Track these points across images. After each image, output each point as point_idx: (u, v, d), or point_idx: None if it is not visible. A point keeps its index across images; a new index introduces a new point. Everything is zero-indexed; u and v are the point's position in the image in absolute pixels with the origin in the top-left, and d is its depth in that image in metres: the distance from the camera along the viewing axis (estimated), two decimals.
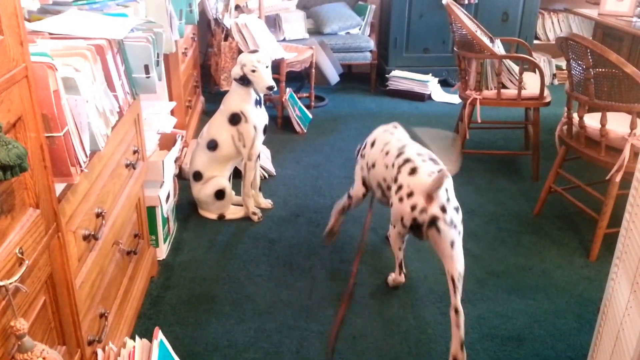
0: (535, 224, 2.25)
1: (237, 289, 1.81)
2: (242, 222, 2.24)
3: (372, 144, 1.80)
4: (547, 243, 2.12)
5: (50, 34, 1.20)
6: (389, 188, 1.64)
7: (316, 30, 3.99)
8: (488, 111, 2.94)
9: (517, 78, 2.52)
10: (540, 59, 4.15)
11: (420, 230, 1.51)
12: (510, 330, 1.65)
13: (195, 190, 2.23)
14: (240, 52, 3.12)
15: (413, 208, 1.50)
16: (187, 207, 2.33)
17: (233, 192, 2.29)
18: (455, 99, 3.78)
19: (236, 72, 2.10)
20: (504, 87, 2.61)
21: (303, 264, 1.96)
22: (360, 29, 4.05)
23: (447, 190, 1.50)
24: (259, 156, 2.26)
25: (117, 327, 1.44)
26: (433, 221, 1.48)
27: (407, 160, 1.57)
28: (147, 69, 1.35)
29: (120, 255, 1.48)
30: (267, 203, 2.36)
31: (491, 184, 2.61)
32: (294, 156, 2.89)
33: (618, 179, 1.88)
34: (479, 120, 2.55)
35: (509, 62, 2.63)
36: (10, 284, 0.83)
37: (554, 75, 4.26)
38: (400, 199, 1.53)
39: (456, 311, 1.47)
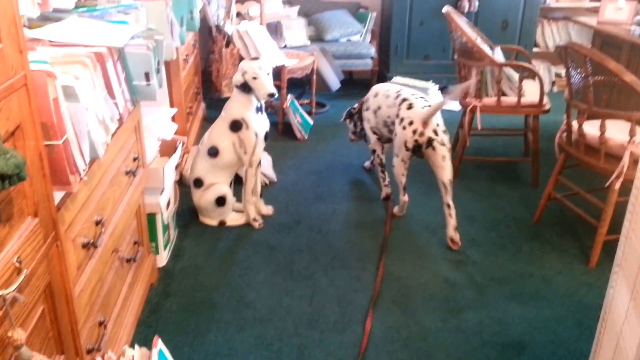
0: (535, 231, 2.25)
1: (237, 296, 1.81)
2: (243, 229, 2.23)
3: (375, 95, 2.36)
4: (547, 249, 2.12)
5: (50, 41, 1.21)
6: (392, 123, 2.18)
7: (317, 37, 4.01)
8: (488, 118, 2.94)
9: (517, 86, 2.53)
10: (539, 66, 4.16)
11: (421, 150, 2.06)
12: (510, 336, 1.64)
13: (195, 197, 2.23)
14: (241, 58, 3.14)
15: (414, 132, 2.04)
16: (187, 214, 2.33)
17: (234, 199, 2.29)
18: (455, 105, 3.78)
19: (237, 79, 2.11)
20: (504, 94, 2.62)
21: (304, 271, 1.96)
22: (361, 36, 4.07)
23: (438, 123, 2.07)
24: (259, 163, 2.26)
25: (116, 335, 1.43)
26: (430, 142, 2.03)
27: (404, 100, 2.12)
28: (147, 76, 1.35)
29: (120, 262, 1.48)
30: (268, 209, 2.36)
31: (491, 190, 2.61)
32: (295, 162, 2.89)
33: (617, 186, 1.88)
34: (479, 128, 2.55)
35: (508, 70, 2.64)
36: (8, 293, 0.82)
37: (554, 83, 4.27)
38: (404, 128, 2.07)
39: (448, 206, 2.08)
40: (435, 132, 2.03)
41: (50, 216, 0.99)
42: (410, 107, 2.07)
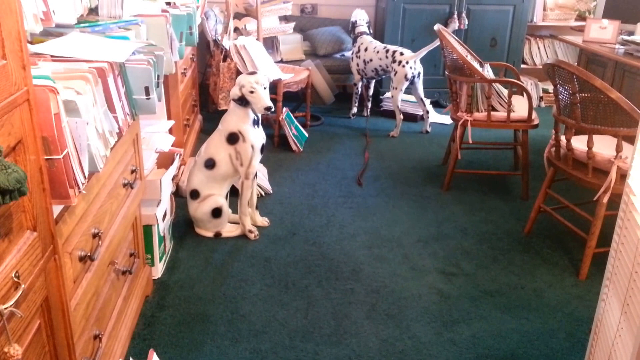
0: (526, 243, 2.28)
1: (232, 309, 1.81)
2: (239, 240, 2.24)
3: (366, 49, 3.55)
4: (538, 262, 2.14)
5: (52, 56, 1.23)
6: (384, 70, 3.51)
7: (312, 53, 4.07)
8: (478, 132, 2.99)
9: (507, 101, 2.58)
10: (527, 82, 4.24)
11: (414, 80, 3.42)
12: (504, 350, 1.66)
13: (192, 208, 2.24)
14: (238, 72, 3.17)
15: (410, 68, 3.38)
16: (183, 225, 2.33)
17: (230, 210, 2.30)
18: (446, 119, 3.84)
19: (235, 93, 2.14)
20: (494, 109, 2.66)
21: (299, 283, 1.96)
22: None
23: (419, 61, 3.42)
24: (255, 175, 2.28)
25: (110, 348, 1.43)
26: (419, 74, 3.44)
27: (394, 51, 3.44)
28: (147, 90, 1.37)
29: (116, 275, 1.48)
30: (263, 221, 2.37)
31: (483, 203, 2.64)
32: (290, 174, 2.91)
33: (605, 200, 1.91)
34: (470, 141, 2.59)
35: (498, 86, 2.70)
36: (6, 309, 0.82)
37: (541, 98, 4.35)
38: (403, 66, 3.37)
39: (427, 112, 3.59)
40: (421, 69, 3.45)
41: (48, 230, 1.00)
42: (401, 53, 3.39)
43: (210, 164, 2.18)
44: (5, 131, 0.85)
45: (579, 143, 2.05)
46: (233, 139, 2.16)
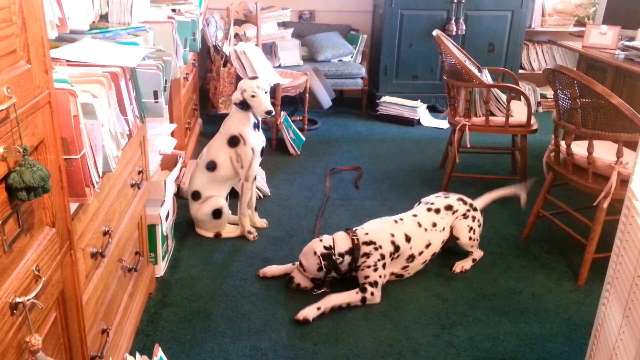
0: (524, 248, 2.31)
1: (232, 307, 1.84)
2: (238, 241, 2.28)
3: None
4: (536, 266, 2.17)
5: (67, 61, 1.27)
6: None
7: (310, 58, 4.13)
8: (475, 136, 3.04)
9: (505, 106, 2.62)
10: (525, 87, 4.30)
11: None
12: (502, 353, 1.68)
13: (193, 209, 2.28)
14: (238, 77, 3.22)
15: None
16: (184, 226, 2.37)
17: (230, 212, 2.34)
18: (443, 124, 3.90)
19: (236, 97, 2.18)
20: (492, 114, 2.70)
21: None
22: (352, 57, 4.20)
23: None
24: (255, 177, 2.32)
25: (116, 343, 1.46)
26: None
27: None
28: (156, 94, 1.42)
29: (122, 272, 1.52)
30: (262, 222, 2.41)
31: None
32: (287, 177, 2.96)
33: (605, 205, 1.91)
34: (468, 145, 2.62)
35: (496, 91, 2.74)
36: (28, 300, 0.86)
37: (539, 103, 4.41)
38: (473, 219, 2.17)
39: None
40: None
41: (65, 226, 1.04)
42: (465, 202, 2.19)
43: (211, 166, 2.23)
44: (29, 132, 0.89)
45: (578, 148, 2.05)
46: (234, 141, 2.20)
